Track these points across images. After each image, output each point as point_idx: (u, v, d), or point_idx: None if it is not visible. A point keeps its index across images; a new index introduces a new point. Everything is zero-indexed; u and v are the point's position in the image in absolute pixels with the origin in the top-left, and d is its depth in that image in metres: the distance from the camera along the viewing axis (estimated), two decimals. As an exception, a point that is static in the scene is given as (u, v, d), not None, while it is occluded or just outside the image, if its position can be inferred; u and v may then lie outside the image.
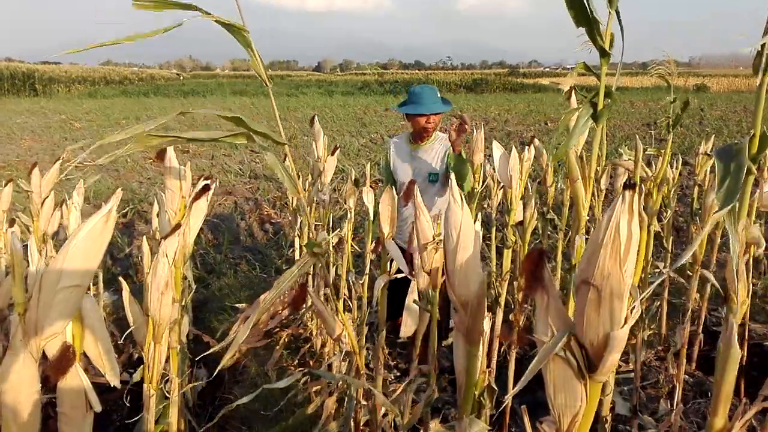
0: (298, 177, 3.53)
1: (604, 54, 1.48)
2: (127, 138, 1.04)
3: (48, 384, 0.84)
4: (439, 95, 3.50)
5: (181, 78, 58.94)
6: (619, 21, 1.46)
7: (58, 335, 0.79)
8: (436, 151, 3.51)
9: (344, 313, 1.71)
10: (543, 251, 0.72)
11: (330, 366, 2.81)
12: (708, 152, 3.62)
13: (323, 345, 3.38)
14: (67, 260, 0.76)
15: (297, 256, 3.70)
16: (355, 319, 2.61)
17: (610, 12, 1.45)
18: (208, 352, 1.47)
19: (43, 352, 0.80)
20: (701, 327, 3.38)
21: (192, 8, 1.10)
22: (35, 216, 2.64)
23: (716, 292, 3.82)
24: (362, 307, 2.37)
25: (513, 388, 2.63)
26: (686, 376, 3.22)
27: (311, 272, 3.29)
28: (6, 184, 2.84)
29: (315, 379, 2.95)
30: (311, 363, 3.41)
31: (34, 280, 0.78)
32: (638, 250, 0.70)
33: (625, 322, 0.68)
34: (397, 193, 1.87)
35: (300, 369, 3.39)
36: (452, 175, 1.15)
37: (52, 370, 0.80)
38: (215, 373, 3.21)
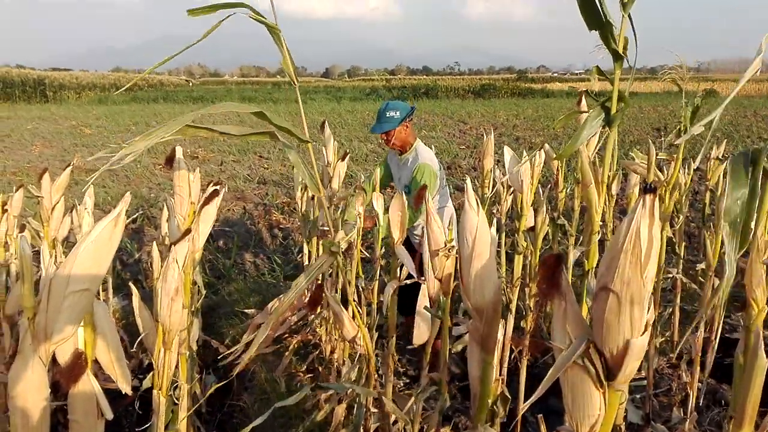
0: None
1: (617, 57, 1.46)
2: (163, 130, 1.09)
3: (59, 390, 0.83)
4: (390, 114, 3.51)
5: (191, 84, 59.25)
6: (632, 25, 1.45)
7: (66, 340, 0.78)
8: (408, 167, 3.59)
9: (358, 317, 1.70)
10: (560, 256, 0.71)
11: (339, 372, 2.80)
12: (719, 157, 3.59)
13: (332, 351, 3.36)
14: (76, 264, 0.75)
15: (306, 261, 3.70)
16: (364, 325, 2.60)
17: (623, 15, 1.44)
18: (221, 361, 1.47)
19: (54, 358, 0.80)
20: (714, 334, 3.33)
21: (241, 6, 1.14)
22: (45, 221, 2.64)
23: (729, 298, 3.78)
24: (372, 313, 2.35)
25: (525, 395, 2.61)
26: (699, 384, 3.18)
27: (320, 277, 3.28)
28: (17, 190, 2.85)
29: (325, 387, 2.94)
30: (320, 369, 3.39)
31: (43, 287, 0.77)
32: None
33: (645, 329, 0.66)
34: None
35: (309, 375, 3.38)
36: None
37: (64, 378, 0.79)
38: (224, 379, 3.19)
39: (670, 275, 3.30)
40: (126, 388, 0.90)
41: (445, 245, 1.29)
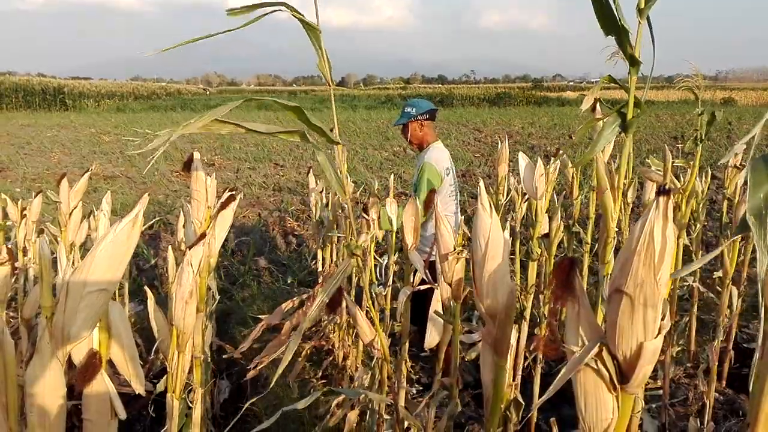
0: (324, 190, 3.55)
1: (634, 63, 1.45)
2: (199, 123, 1.12)
3: (73, 391, 0.84)
4: (408, 109, 3.72)
5: (208, 93, 59.87)
6: (651, 30, 1.44)
7: (84, 340, 0.79)
8: (417, 165, 3.69)
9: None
10: (574, 259, 0.71)
11: (352, 379, 2.80)
12: (737, 165, 3.55)
13: (345, 357, 3.36)
14: (94, 265, 0.76)
15: (320, 268, 3.70)
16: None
17: (640, 21, 1.43)
18: (234, 366, 1.47)
19: (69, 360, 0.81)
20: (731, 343, 3.29)
21: (281, 4, 1.16)
22: (63, 226, 2.67)
23: (747, 307, 3.74)
24: (385, 319, 2.35)
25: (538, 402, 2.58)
26: (716, 394, 3.14)
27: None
28: (36, 196, 2.89)
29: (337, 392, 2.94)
30: (334, 375, 3.39)
31: (61, 287, 0.78)
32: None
33: (659, 332, 0.66)
34: None
35: (322, 381, 3.38)
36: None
37: (79, 377, 0.80)
38: (237, 384, 3.20)
39: (687, 284, 3.26)
40: (140, 389, 0.91)
41: (455, 249, 1.29)
